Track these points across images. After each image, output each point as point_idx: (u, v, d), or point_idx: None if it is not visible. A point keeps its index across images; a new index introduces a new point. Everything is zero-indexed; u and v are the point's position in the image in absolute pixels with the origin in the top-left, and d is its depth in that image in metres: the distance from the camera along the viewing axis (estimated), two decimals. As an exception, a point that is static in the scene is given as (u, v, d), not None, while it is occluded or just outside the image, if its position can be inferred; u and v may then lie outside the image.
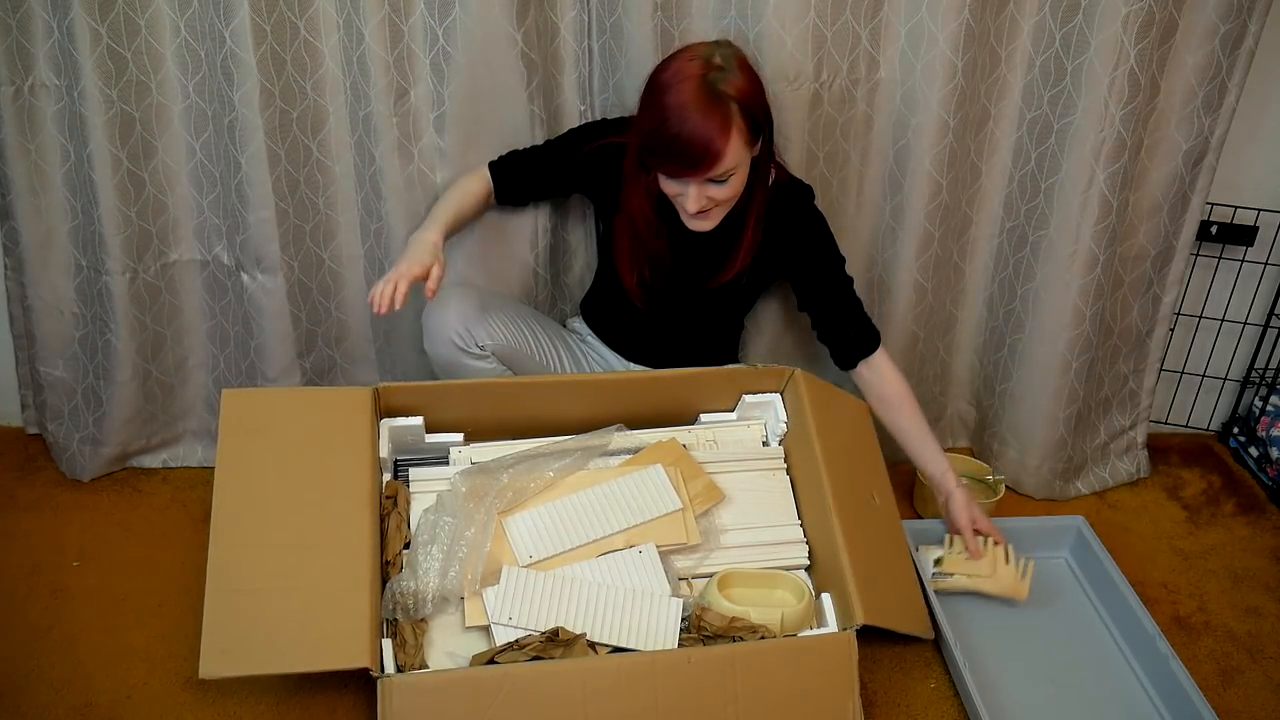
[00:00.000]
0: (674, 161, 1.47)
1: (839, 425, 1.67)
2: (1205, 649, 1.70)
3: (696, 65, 1.45)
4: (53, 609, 1.65)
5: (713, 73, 1.45)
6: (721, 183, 1.49)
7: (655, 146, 1.47)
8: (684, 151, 1.44)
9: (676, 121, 1.43)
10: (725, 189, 1.51)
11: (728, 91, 1.45)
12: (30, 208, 1.74)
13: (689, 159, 1.45)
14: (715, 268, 1.67)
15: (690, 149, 1.44)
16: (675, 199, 1.55)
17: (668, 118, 1.44)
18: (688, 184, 1.50)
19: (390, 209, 1.77)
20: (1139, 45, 1.65)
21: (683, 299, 1.72)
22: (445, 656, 1.42)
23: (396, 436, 1.60)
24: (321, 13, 1.63)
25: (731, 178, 1.50)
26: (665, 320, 1.76)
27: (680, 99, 1.44)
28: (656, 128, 1.45)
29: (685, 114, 1.43)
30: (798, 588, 1.53)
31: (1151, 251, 1.89)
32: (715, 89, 1.44)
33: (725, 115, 1.44)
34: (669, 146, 1.45)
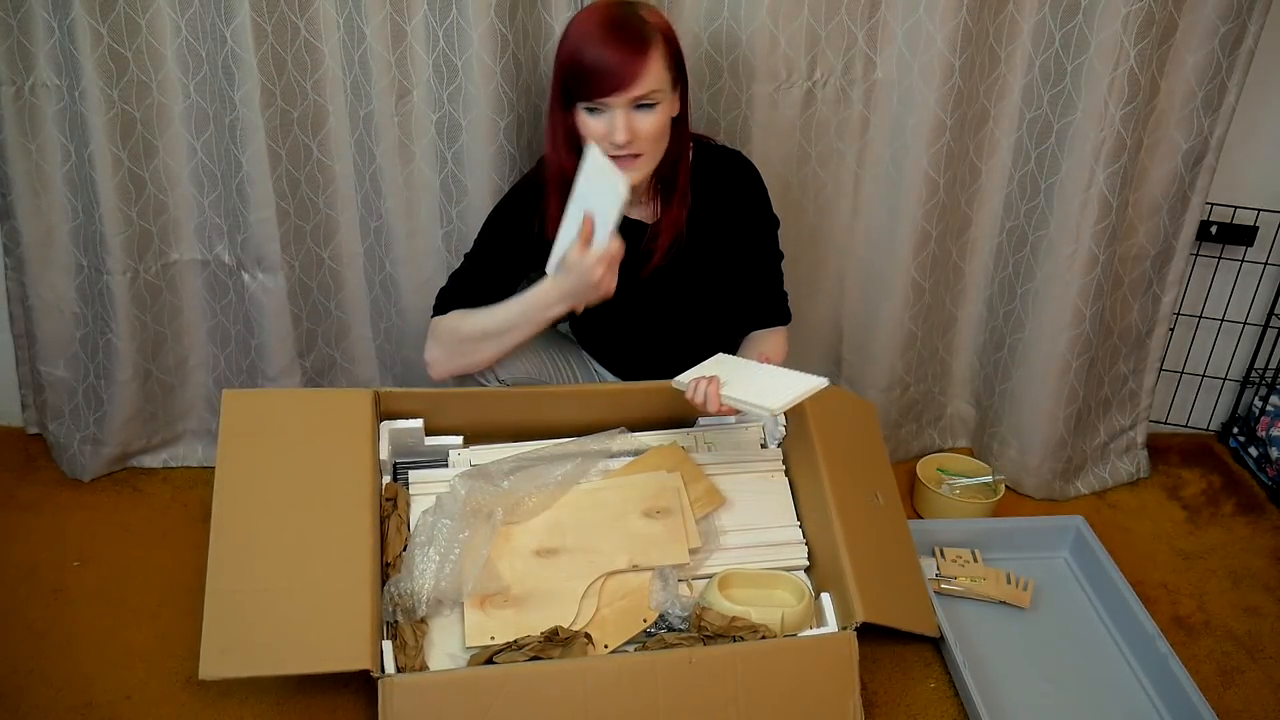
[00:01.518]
0: (597, 80, 1.43)
1: (841, 426, 1.67)
2: (1205, 649, 1.70)
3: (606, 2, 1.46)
4: (53, 609, 1.65)
5: (624, 6, 1.46)
6: (648, 108, 1.45)
7: (576, 71, 1.43)
8: (606, 66, 1.42)
9: (596, 40, 1.42)
10: (651, 119, 1.46)
11: (643, 16, 1.46)
12: (31, 207, 1.75)
13: (611, 73, 1.42)
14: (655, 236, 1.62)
15: (612, 61, 1.41)
16: (599, 142, 1.47)
17: (586, 40, 1.42)
18: (612, 110, 1.45)
19: (391, 208, 1.77)
20: (1139, 45, 1.65)
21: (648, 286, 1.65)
22: (446, 657, 1.42)
23: (396, 439, 1.60)
24: (322, 12, 1.63)
25: (656, 108, 1.46)
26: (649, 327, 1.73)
27: (595, 22, 1.43)
28: (575, 51, 1.43)
29: (604, 31, 1.42)
30: (797, 588, 1.53)
31: (1151, 251, 1.89)
32: (629, 10, 1.45)
33: (643, 32, 1.44)
34: (592, 64, 1.42)
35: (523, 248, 1.60)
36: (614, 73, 1.42)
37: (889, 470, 1.71)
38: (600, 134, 1.46)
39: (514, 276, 1.63)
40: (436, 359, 1.60)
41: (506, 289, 1.61)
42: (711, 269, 1.66)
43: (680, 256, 1.62)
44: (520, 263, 1.62)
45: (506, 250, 1.61)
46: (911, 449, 2.11)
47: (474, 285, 1.60)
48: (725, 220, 1.62)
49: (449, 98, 1.68)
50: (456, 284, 1.62)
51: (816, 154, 1.81)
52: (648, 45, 1.43)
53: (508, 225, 1.60)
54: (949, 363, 2.08)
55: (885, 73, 1.74)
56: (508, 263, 1.61)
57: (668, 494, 1.56)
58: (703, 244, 1.63)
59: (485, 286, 1.60)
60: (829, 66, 1.73)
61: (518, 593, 1.45)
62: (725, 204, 1.62)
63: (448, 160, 1.73)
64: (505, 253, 1.61)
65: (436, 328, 1.60)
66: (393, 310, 1.88)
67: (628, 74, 1.42)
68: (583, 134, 1.48)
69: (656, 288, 1.63)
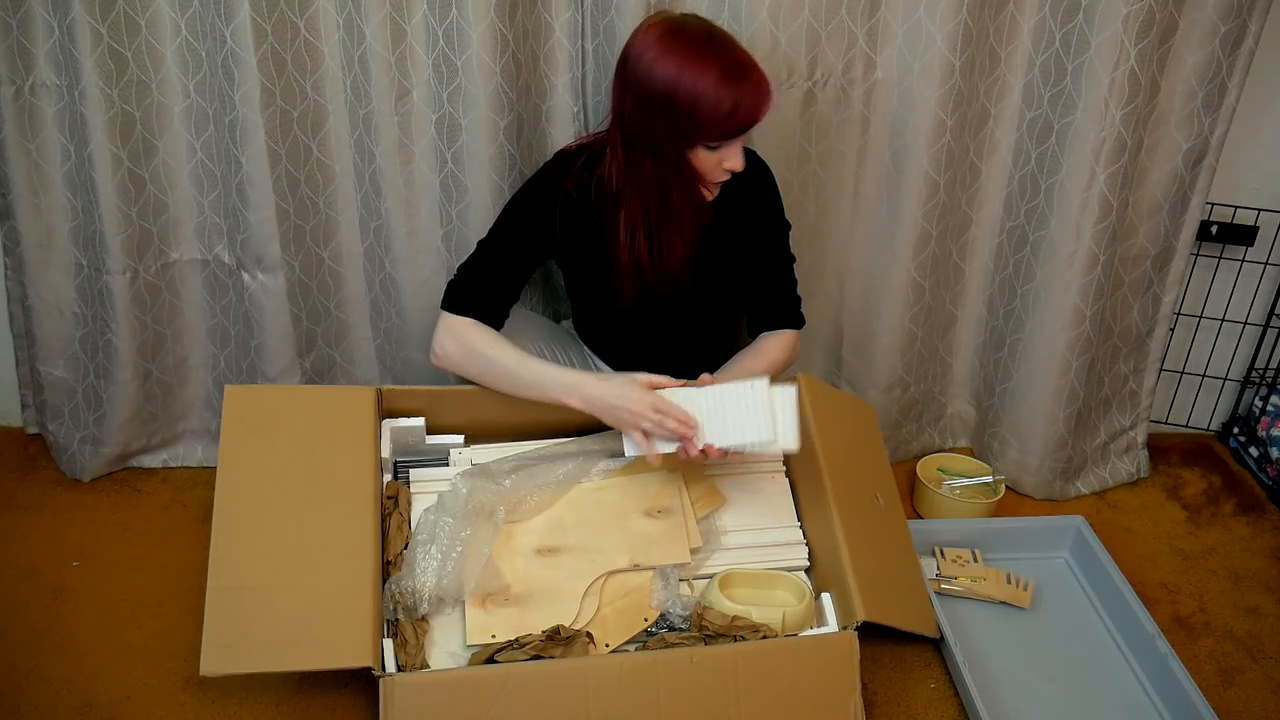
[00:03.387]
0: (743, 124, 1.43)
1: (841, 427, 1.67)
2: (1205, 649, 1.70)
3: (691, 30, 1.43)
4: (53, 609, 1.64)
5: (707, 27, 1.45)
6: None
7: (723, 119, 1.42)
8: (752, 110, 1.42)
9: (732, 83, 1.40)
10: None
11: (724, 31, 1.45)
12: (31, 207, 1.74)
13: (754, 114, 1.43)
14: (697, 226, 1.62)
15: (757, 103, 1.42)
16: (710, 174, 1.50)
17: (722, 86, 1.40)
18: (735, 143, 1.47)
19: (390, 208, 1.77)
20: (1139, 45, 1.65)
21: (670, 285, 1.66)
22: (446, 656, 1.42)
23: (398, 437, 1.60)
24: (322, 12, 1.63)
25: None
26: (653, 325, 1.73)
27: (719, 64, 1.41)
28: (715, 100, 1.40)
29: (738, 74, 1.41)
30: (798, 588, 1.53)
31: (1151, 251, 1.89)
32: (718, 31, 1.45)
33: (746, 55, 1.44)
34: (735, 112, 1.41)
35: (542, 242, 1.61)
36: (759, 108, 1.43)
37: (889, 471, 1.71)
38: (714, 166, 1.49)
39: (526, 271, 1.63)
40: (449, 357, 1.58)
41: (518, 285, 1.62)
42: (720, 267, 1.66)
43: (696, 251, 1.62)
44: (534, 257, 1.63)
45: (524, 243, 1.60)
46: (911, 449, 2.11)
47: (487, 279, 1.59)
48: (737, 218, 1.63)
49: (449, 98, 1.68)
50: (469, 277, 1.60)
51: (816, 154, 1.81)
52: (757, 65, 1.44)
53: (529, 218, 1.60)
54: (949, 363, 2.08)
55: (885, 73, 1.74)
56: (523, 257, 1.61)
57: (669, 493, 1.56)
58: (713, 241, 1.63)
59: (498, 281, 1.60)
60: (829, 66, 1.73)
61: (519, 591, 1.46)
62: (738, 202, 1.62)
63: (448, 160, 1.73)
64: (523, 246, 1.60)
65: (459, 331, 1.57)
66: (393, 310, 1.88)
67: (765, 108, 1.44)
68: (697, 169, 1.49)
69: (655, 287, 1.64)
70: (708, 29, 1.45)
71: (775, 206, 1.66)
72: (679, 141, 1.46)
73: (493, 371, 1.56)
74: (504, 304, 1.61)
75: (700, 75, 1.40)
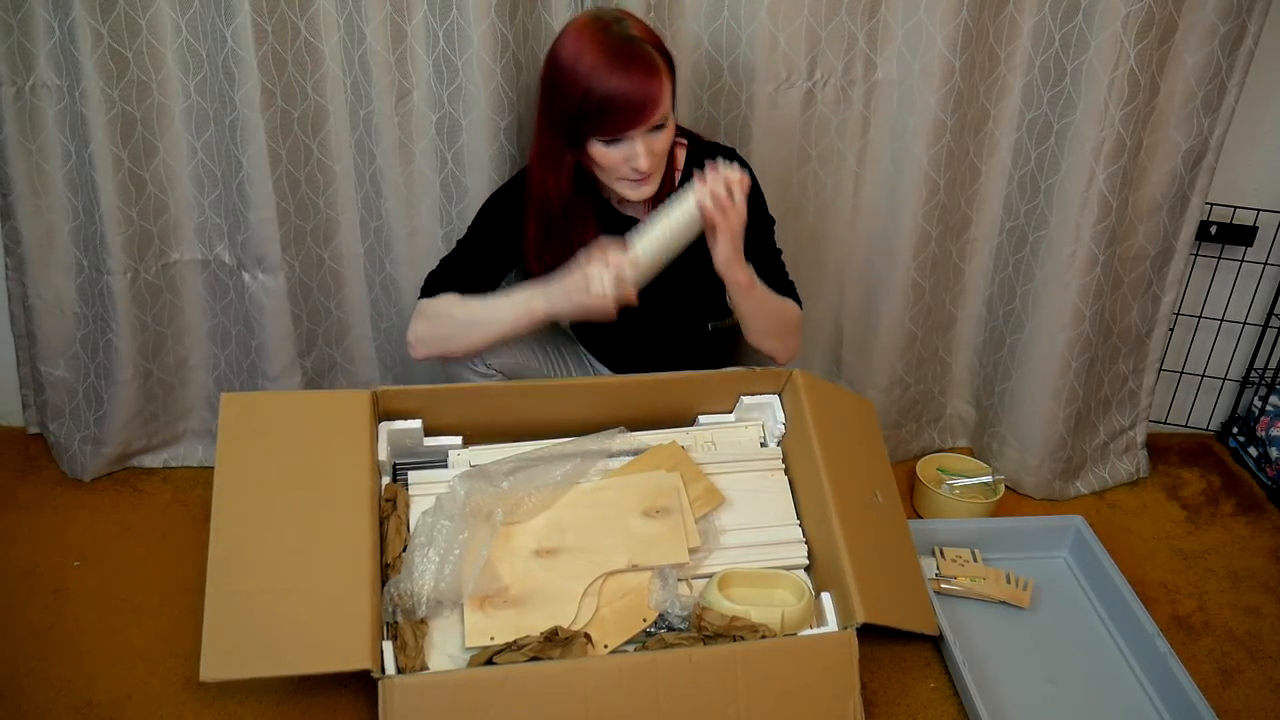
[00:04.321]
0: (618, 118, 1.42)
1: (840, 424, 1.67)
2: (1205, 649, 1.70)
3: (595, 27, 1.43)
4: (53, 609, 1.65)
5: (614, 26, 1.44)
6: (661, 129, 1.46)
7: (593, 108, 1.42)
8: (628, 102, 1.41)
9: (608, 74, 1.40)
10: (663, 137, 1.47)
11: (638, 36, 1.44)
12: (31, 207, 1.75)
13: (633, 109, 1.41)
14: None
15: (633, 96, 1.41)
16: (615, 169, 1.49)
17: (597, 76, 1.40)
18: (633, 141, 1.45)
19: (391, 208, 1.77)
20: (1139, 45, 1.65)
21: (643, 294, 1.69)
22: (446, 658, 1.42)
23: (395, 439, 1.60)
24: (322, 13, 1.63)
25: (667, 122, 1.47)
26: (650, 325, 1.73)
27: (601, 54, 1.41)
28: (589, 90, 1.41)
29: (614, 64, 1.40)
30: (797, 587, 1.53)
31: (1151, 251, 1.90)
32: (626, 35, 1.43)
33: (648, 54, 1.43)
34: (612, 100, 1.40)
35: (512, 241, 1.61)
36: (636, 106, 1.42)
37: (888, 468, 1.71)
38: (619, 162, 1.47)
39: (501, 269, 1.65)
40: (421, 338, 1.59)
41: (493, 280, 1.63)
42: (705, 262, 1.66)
43: None
44: (508, 256, 1.64)
45: (496, 242, 1.62)
46: (911, 449, 2.11)
47: (462, 272, 1.61)
48: None
49: (449, 98, 1.68)
50: (445, 269, 1.63)
51: (816, 154, 1.81)
52: (657, 69, 1.43)
53: (499, 218, 1.62)
54: (949, 363, 2.08)
55: (885, 73, 1.74)
56: (496, 254, 1.63)
57: (667, 493, 1.56)
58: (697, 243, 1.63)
59: (473, 274, 1.61)
60: (829, 67, 1.73)
61: (517, 593, 1.46)
62: None
63: (448, 160, 1.73)
64: (495, 244, 1.62)
65: (426, 309, 1.59)
66: (393, 310, 1.88)
67: (648, 105, 1.42)
68: (599, 164, 1.49)
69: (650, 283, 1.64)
70: (617, 17, 1.45)
71: (755, 202, 1.65)
72: (570, 137, 1.46)
73: (463, 326, 1.56)
74: (480, 293, 1.62)
75: (580, 59, 1.41)
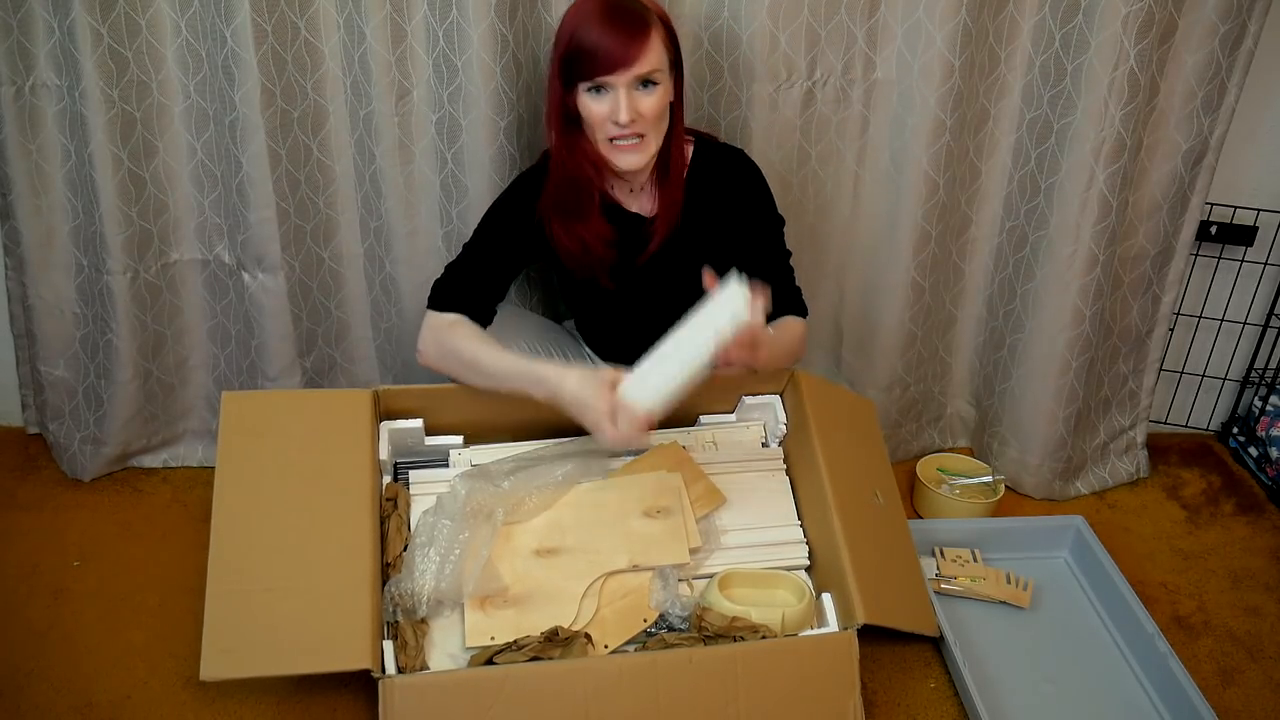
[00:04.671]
0: (601, 58, 1.44)
1: (840, 424, 1.67)
2: (1205, 649, 1.70)
3: None
4: (53, 609, 1.65)
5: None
6: (649, 87, 1.47)
7: (578, 50, 1.44)
8: (609, 44, 1.43)
9: (596, 20, 1.43)
10: (653, 99, 1.47)
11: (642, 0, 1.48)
12: (31, 207, 1.74)
13: (615, 51, 1.43)
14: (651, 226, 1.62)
15: (615, 39, 1.43)
16: (602, 125, 1.49)
17: (586, 20, 1.44)
18: (615, 90, 1.46)
19: (391, 208, 1.77)
20: (1139, 45, 1.65)
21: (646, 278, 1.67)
22: (446, 658, 1.42)
23: (396, 439, 1.60)
24: (322, 12, 1.63)
25: (657, 88, 1.47)
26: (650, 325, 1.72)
27: (595, 3, 1.45)
28: (575, 32, 1.45)
29: (603, 11, 1.44)
30: (798, 587, 1.53)
31: (1151, 251, 1.90)
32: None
33: (642, 12, 1.46)
34: (595, 43, 1.43)
35: (522, 240, 1.61)
36: (617, 50, 1.43)
37: (888, 468, 1.71)
38: (604, 115, 1.48)
39: (512, 270, 1.64)
40: (427, 354, 1.59)
41: (503, 283, 1.62)
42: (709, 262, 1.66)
43: (679, 251, 1.62)
44: (519, 256, 1.63)
45: (506, 243, 1.61)
46: (911, 449, 2.11)
47: (471, 277, 1.60)
48: (726, 217, 1.63)
49: (449, 98, 1.68)
50: (453, 276, 1.61)
51: (816, 154, 1.81)
52: (648, 24, 1.45)
53: (508, 217, 1.61)
54: (949, 363, 2.08)
55: (885, 73, 1.74)
56: (507, 256, 1.62)
57: (668, 494, 1.56)
58: (703, 239, 1.63)
59: (482, 279, 1.60)
60: (829, 66, 1.73)
61: (518, 593, 1.46)
62: (726, 201, 1.62)
63: (448, 160, 1.73)
64: (505, 245, 1.61)
65: (439, 328, 1.58)
66: (393, 310, 1.88)
67: (631, 52, 1.43)
68: (585, 117, 1.50)
69: (655, 281, 1.64)
70: None
71: (765, 203, 1.66)
72: (563, 81, 1.49)
73: (467, 369, 1.56)
74: (489, 302, 1.61)
75: (580, 7, 1.46)
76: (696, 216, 1.62)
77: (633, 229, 1.62)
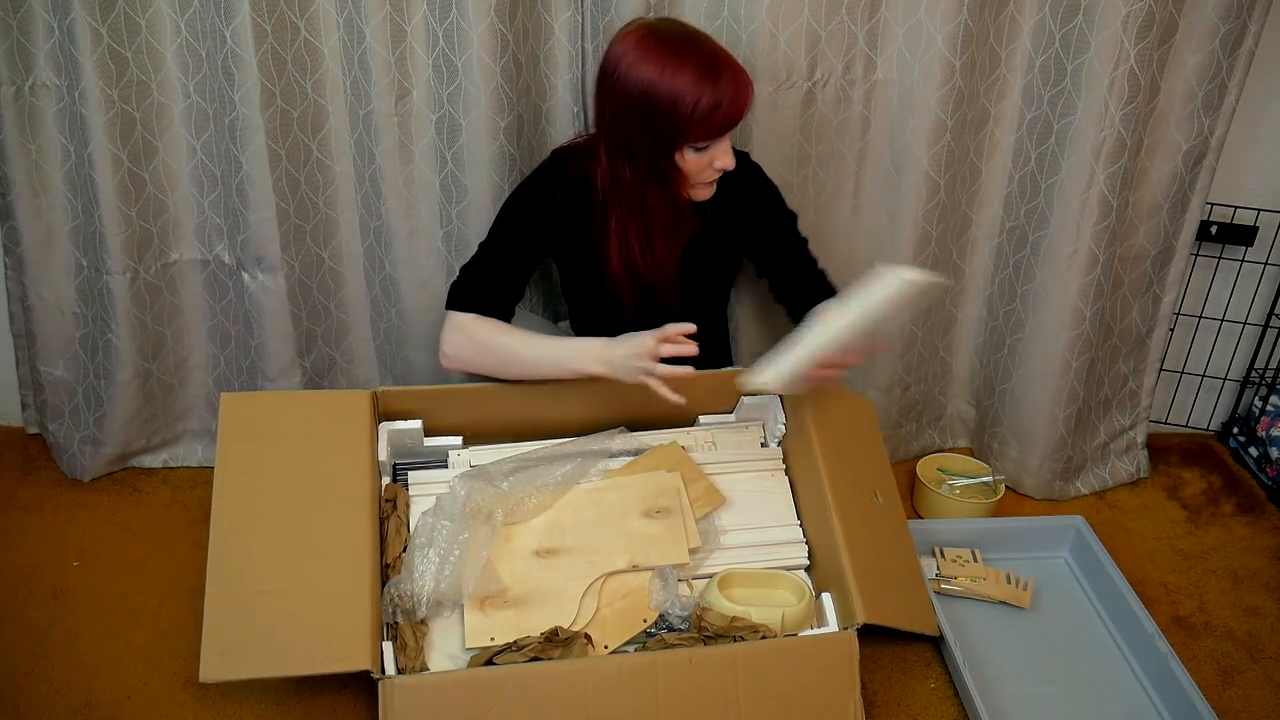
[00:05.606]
0: (725, 121, 1.44)
1: (840, 424, 1.67)
2: (1205, 649, 1.70)
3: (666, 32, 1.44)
4: (53, 609, 1.65)
5: (680, 26, 1.46)
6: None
7: (704, 118, 1.42)
8: (733, 106, 1.42)
9: (713, 80, 1.41)
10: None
11: (701, 32, 1.46)
12: (31, 207, 1.75)
13: (736, 111, 1.43)
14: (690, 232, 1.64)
15: (739, 97, 1.43)
16: (699, 174, 1.50)
17: (703, 84, 1.40)
18: (723, 142, 1.47)
19: (390, 208, 1.77)
20: (1139, 45, 1.65)
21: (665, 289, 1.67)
22: (446, 658, 1.42)
23: (395, 440, 1.60)
24: (322, 12, 1.63)
25: None
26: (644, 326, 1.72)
27: (696, 63, 1.41)
28: (697, 100, 1.40)
29: (716, 71, 1.41)
30: (798, 587, 1.53)
31: (1151, 251, 1.89)
32: (691, 30, 1.45)
33: (728, 55, 1.44)
34: (716, 109, 1.41)
35: (540, 240, 1.61)
36: (740, 103, 1.43)
37: (888, 467, 1.71)
38: (704, 166, 1.49)
39: (529, 268, 1.64)
40: (455, 354, 1.58)
41: (521, 282, 1.62)
42: (713, 268, 1.67)
43: (687, 253, 1.62)
44: (536, 255, 1.63)
45: (524, 243, 1.61)
46: (911, 449, 2.11)
47: (491, 277, 1.59)
48: (733, 220, 1.63)
49: (449, 98, 1.68)
50: (472, 276, 1.60)
51: (816, 154, 1.81)
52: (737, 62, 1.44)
53: (525, 218, 1.60)
54: (949, 363, 2.08)
55: (885, 73, 1.74)
56: (525, 255, 1.61)
57: (668, 494, 1.56)
58: (707, 244, 1.63)
59: (502, 278, 1.60)
60: (829, 66, 1.73)
61: (517, 593, 1.46)
62: (733, 204, 1.63)
63: (448, 160, 1.73)
64: (523, 245, 1.61)
65: (465, 326, 1.57)
66: (393, 310, 1.88)
67: (746, 106, 1.44)
68: (684, 170, 1.49)
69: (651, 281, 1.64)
70: (683, 30, 1.46)
71: (776, 200, 1.67)
72: (663, 145, 1.46)
73: (506, 359, 1.56)
74: (509, 301, 1.61)
75: (677, 74, 1.41)
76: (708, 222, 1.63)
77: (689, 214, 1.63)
